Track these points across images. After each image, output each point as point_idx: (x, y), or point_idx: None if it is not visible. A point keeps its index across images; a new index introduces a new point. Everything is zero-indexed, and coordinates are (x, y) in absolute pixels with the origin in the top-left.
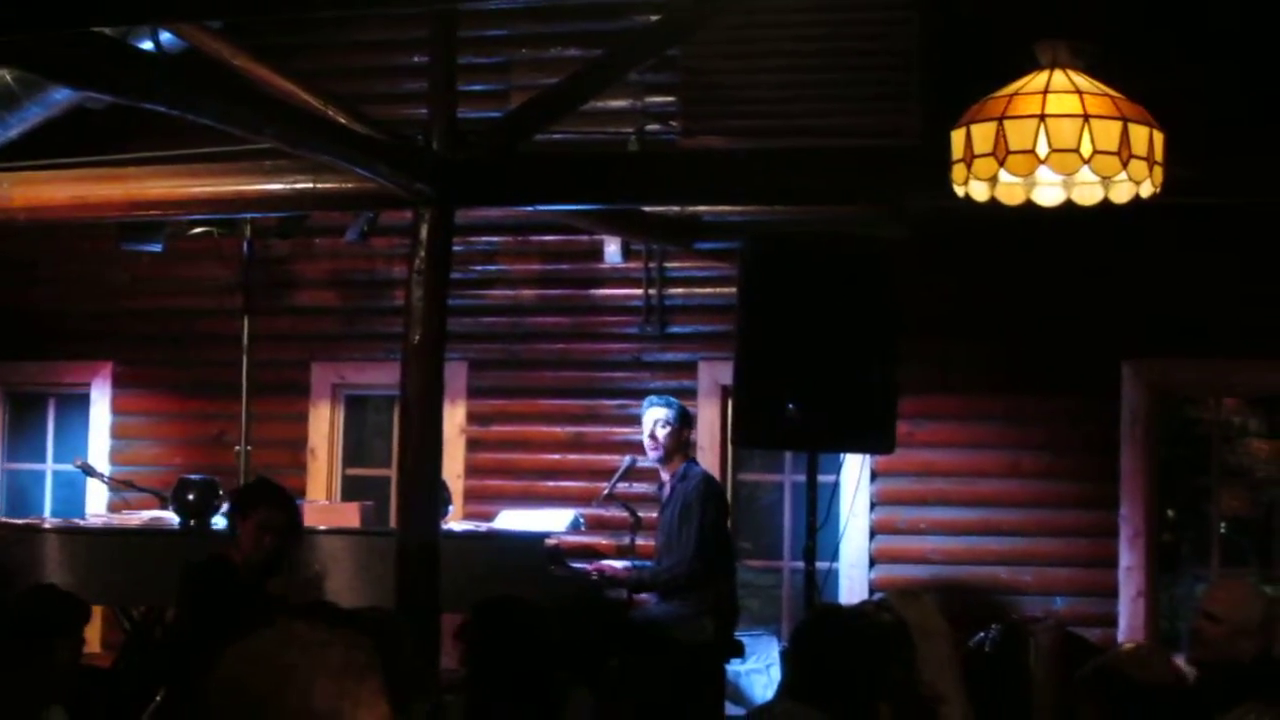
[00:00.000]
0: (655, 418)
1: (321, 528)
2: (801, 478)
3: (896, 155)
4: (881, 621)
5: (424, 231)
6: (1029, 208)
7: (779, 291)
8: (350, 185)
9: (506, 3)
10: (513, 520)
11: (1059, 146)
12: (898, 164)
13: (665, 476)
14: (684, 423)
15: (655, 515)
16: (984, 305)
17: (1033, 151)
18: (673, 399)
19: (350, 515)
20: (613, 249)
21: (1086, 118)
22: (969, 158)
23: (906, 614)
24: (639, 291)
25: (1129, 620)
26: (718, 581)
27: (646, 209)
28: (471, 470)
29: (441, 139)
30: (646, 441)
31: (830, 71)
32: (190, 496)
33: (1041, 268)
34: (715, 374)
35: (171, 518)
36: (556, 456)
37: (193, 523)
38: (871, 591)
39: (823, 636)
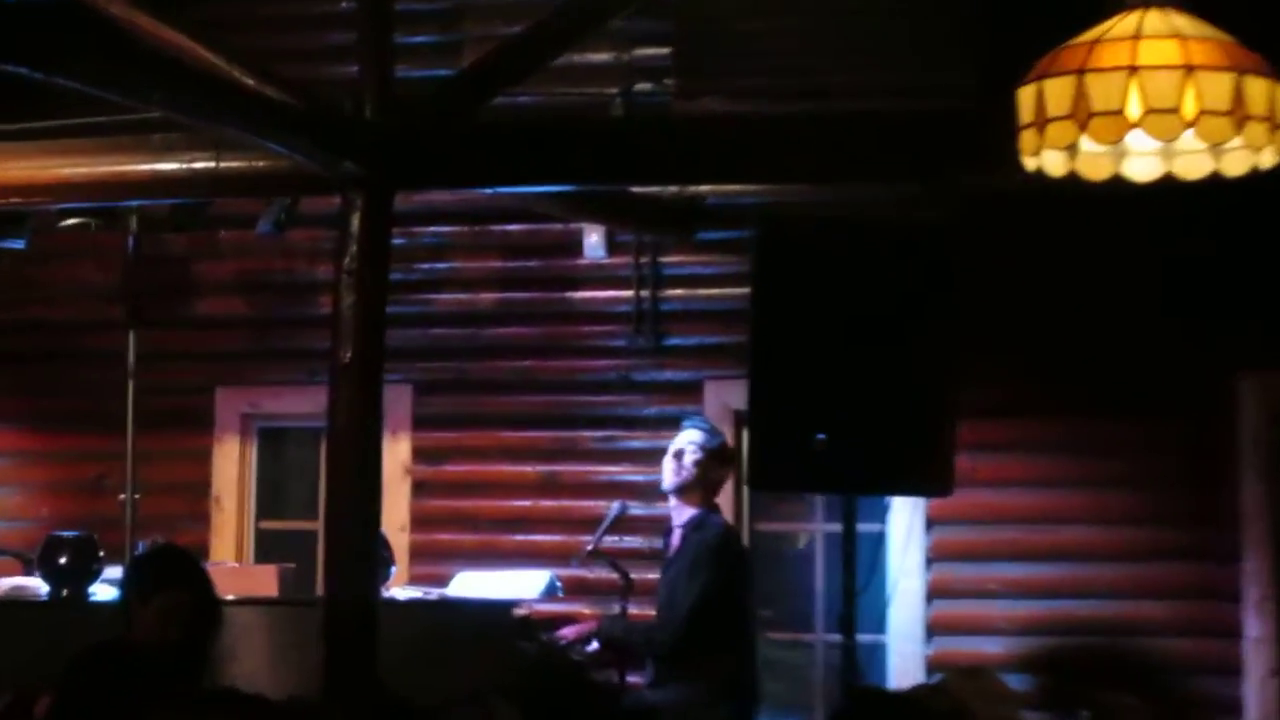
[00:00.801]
0: (689, 439)
1: (229, 597)
2: (836, 528)
3: (945, 120)
4: (938, 710)
5: (355, 222)
6: (1117, 184)
7: (803, 292)
8: (261, 164)
9: None
10: (471, 585)
11: (1155, 106)
12: (947, 131)
13: (676, 522)
14: (719, 460)
15: (656, 577)
16: (1057, 307)
17: (1121, 113)
18: (719, 431)
19: (266, 580)
20: (594, 241)
21: (1190, 69)
22: (1040, 121)
23: (969, 699)
24: (627, 294)
25: (1260, 707)
26: (727, 657)
27: (635, 190)
28: (419, 521)
29: (375, 105)
30: (668, 463)
31: (861, 16)
32: (62, 559)
33: (1130, 259)
34: (724, 397)
35: (38, 585)
36: (525, 503)
37: (65, 592)
38: (928, 671)
39: None
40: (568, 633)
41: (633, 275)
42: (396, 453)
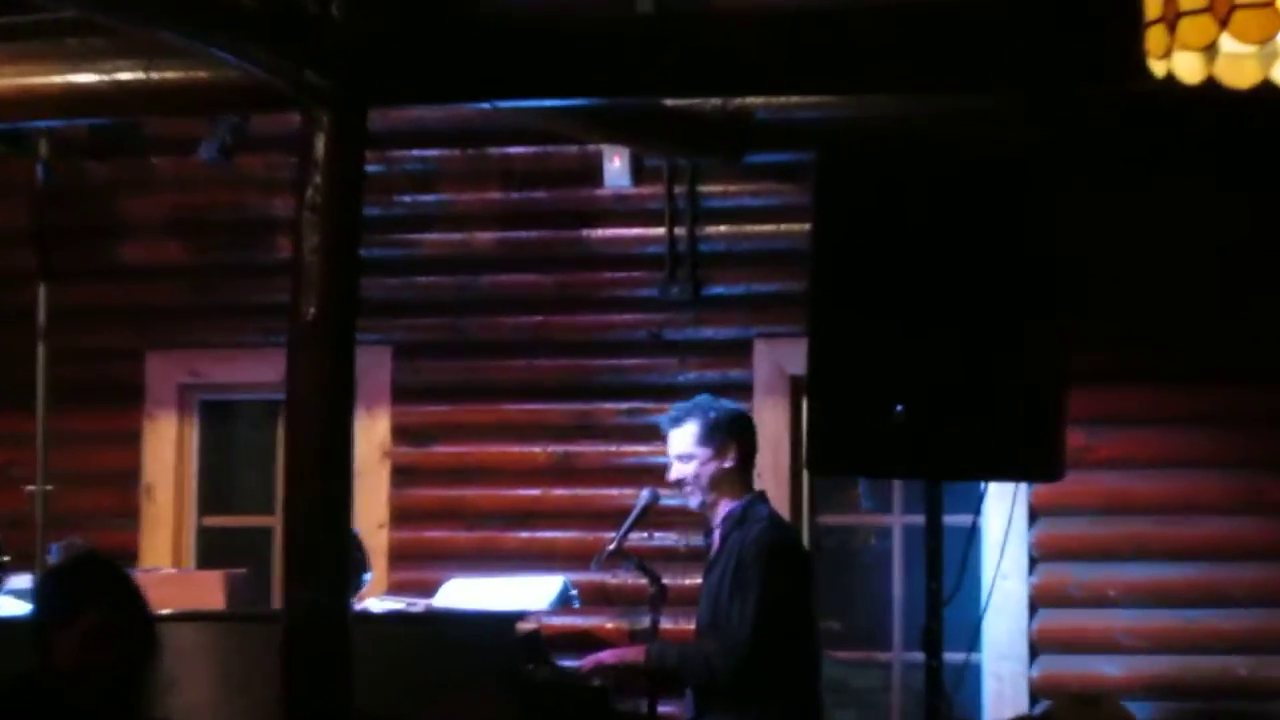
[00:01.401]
0: (673, 447)
1: (166, 611)
2: (918, 521)
3: (1055, 16)
4: None
5: (320, 145)
6: (1267, 92)
7: (876, 229)
8: (203, 75)
9: None
10: (466, 594)
11: None
12: (1057, 29)
13: (715, 521)
14: (725, 439)
15: (697, 582)
16: (1187, 248)
17: (1272, 5)
18: (703, 402)
19: (211, 590)
20: (616, 166)
21: None
22: (1171, 16)
23: None
24: (658, 232)
25: None
26: (790, 683)
27: (667, 103)
28: (401, 516)
29: (345, 1)
30: (677, 477)
31: None
32: None
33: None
34: (779, 359)
35: None
36: (533, 492)
37: None
38: (1032, 699)
39: None
40: (605, 658)
41: (665, 209)
42: (373, 431)
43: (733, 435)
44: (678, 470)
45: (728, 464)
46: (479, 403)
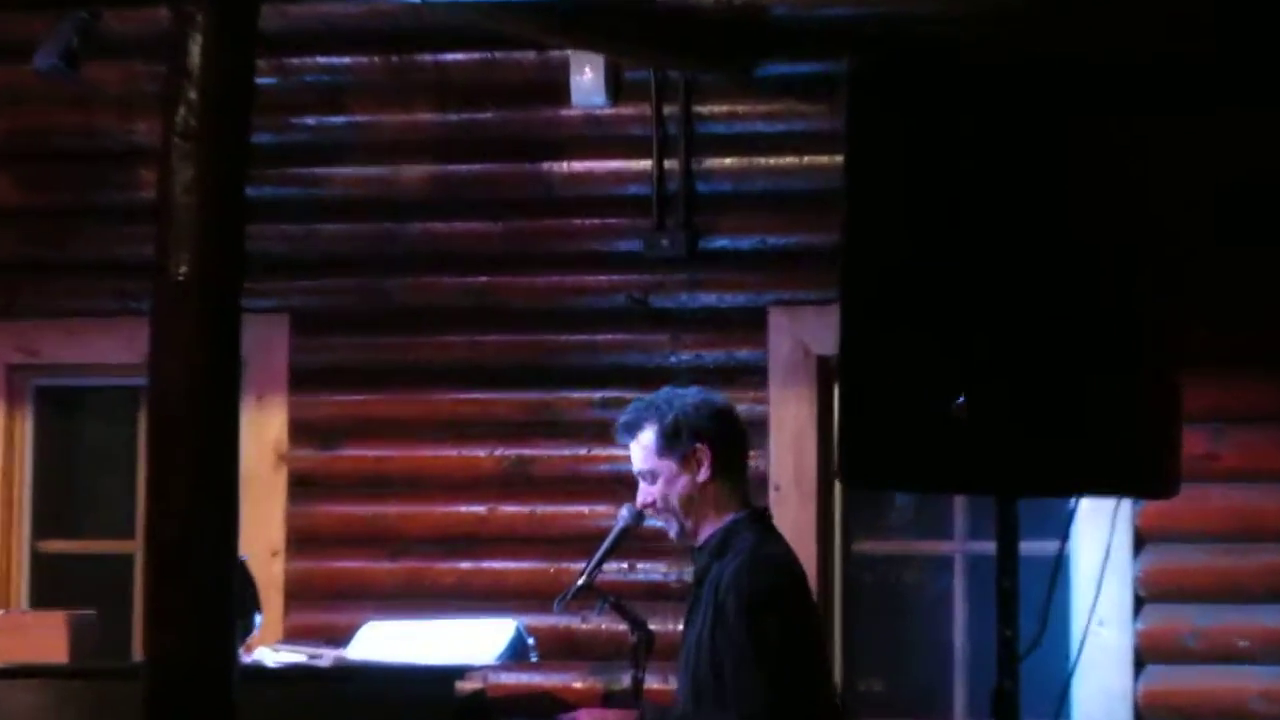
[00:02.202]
0: (635, 462)
1: None
2: (986, 550)
3: None
4: None
5: (195, 51)
6: None
7: (931, 163)
8: None
9: None
10: (388, 642)
11: None
12: None
13: (699, 547)
14: (690, 444)
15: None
16: None
17: None
18: (660, 399)
19: (50, 637)
20: (588, 81)
21: None
22: None
23: None
24: (643, 166)
25: None
26: None
27: None
28: (301, 540)
29: None
30: (646, 497)
31: None
32: None
33: None
34: (801, 334)
35: None
36: (477, 509)
37: None
38: None
39: None
40: (587, 715)
41: (651, 137)
42: (265, 429)
43: (701, 437)
44: (645, 495)
45: (701, 477)
46: (403, 391)
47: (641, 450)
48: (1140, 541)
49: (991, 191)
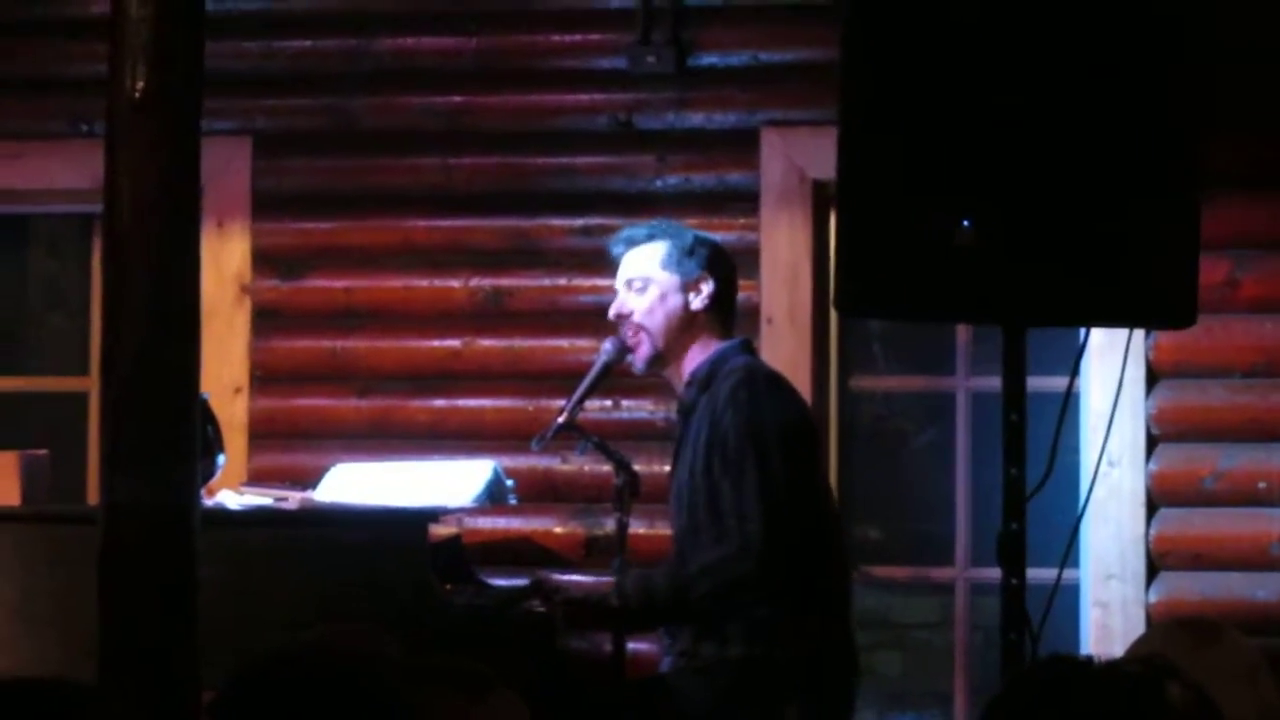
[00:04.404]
0: (626, 271)
1: None
2: (992, 386)
3: None
4: (1173, 697)
5: None
6: None
7: None
8: None
9: None
10: (357, 485)
11: None
12: None
13: (682, 388)
14: (701, 269)
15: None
16: None
17: None
18: (667, 225)
19: (0, 479)
20: None
21: None
22: None
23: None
24: None
25: None
26: (807, 619)
27: None
28: (265, 377)
29: None
30: (624, 308)
31: None
32: None
33: None
34: (796, 156)
35: None
36: (451, 343)
37: None
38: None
39: None
40: (559, 581)
41: None
42: (225, 257)
43: (711, 268)
44: (625, 302)
45: (696, 305)
46: (372, 217)
47: (643, 259)
48: (1154, 377)
49: (1001, 2)
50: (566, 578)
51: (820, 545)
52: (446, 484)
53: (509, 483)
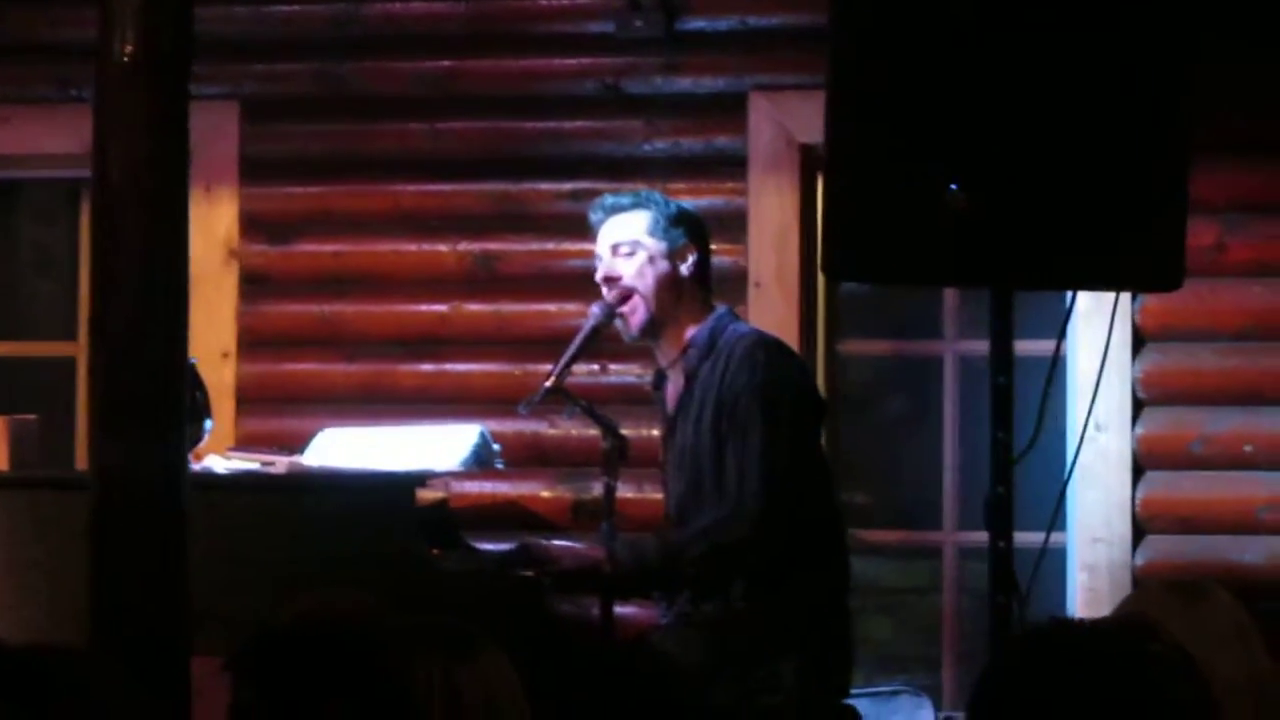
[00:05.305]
0: (610, 236)
1: None
2: (979, 349)
3: None
4: (1153, 656)
5: None
6: None
7: None
8: None
9: None
10: (345, 449)
11: None
12: None
13: (666, 361)
14: (686, 236)
15: (658, 436)
16: None
17: None
18: (652, 193)
19: None
20: None
21: None
22: None
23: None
24: None
25: None
26: (805, 576)
27: None
28: (253, 341)
29: None
30: (605, 292)
31: None
32: None
33: None
34: (785, 120)
35: None
36: (439, 308)
37: None
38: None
39: (1040, 697)
40: (549, 545)
41: None
42: (214, 222)
43: (693, 238)
44: (614, 266)
45: (685, 271)
46: (361, 182)
47: (629, 224)
48: (1141, 340)
49: None
50: (552, 542)
51: (818, 507)
52: (434, 448)
53: (496, 447)
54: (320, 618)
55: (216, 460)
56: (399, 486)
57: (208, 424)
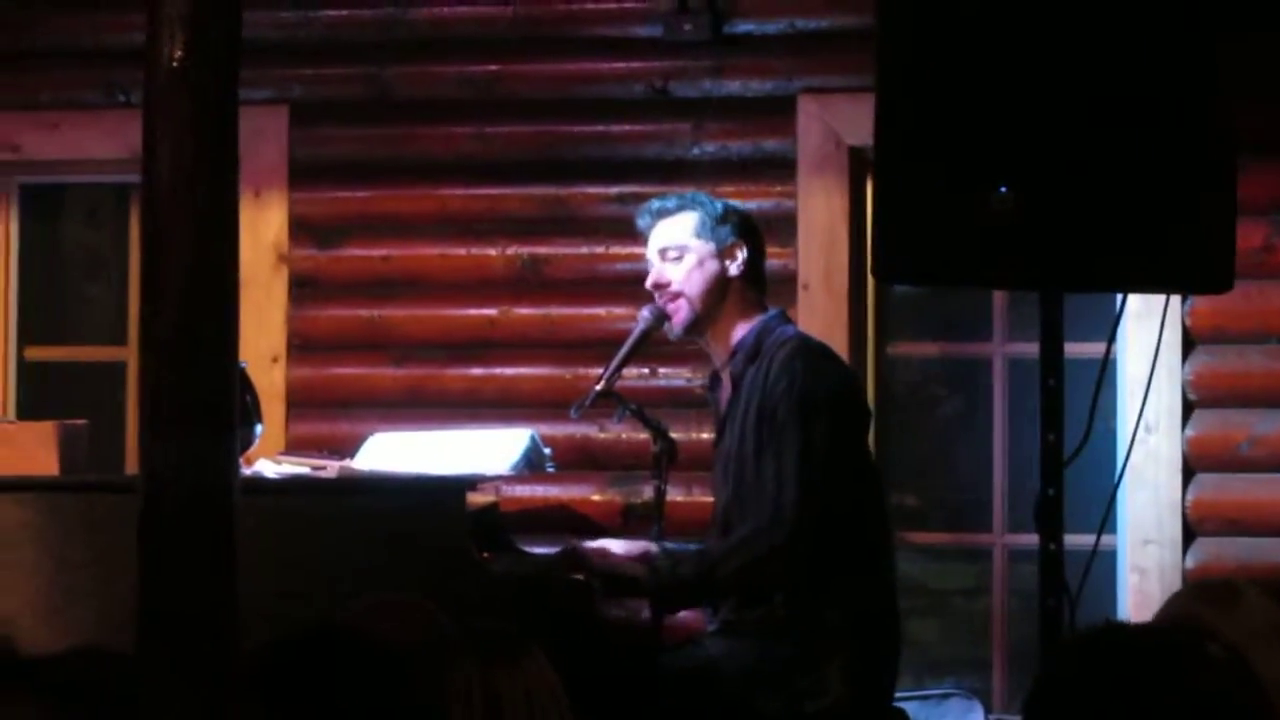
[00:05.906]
0: (659, 240)
1: None
2: (1029, 352)
3: None
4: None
5: None
6: None
7: None
8: None
9: None
10: (394, 453)
11: None
12: None
13: (720, 361)
14: (734, 236)
15: (707, 439)
16: None
17: None
18: (698, 194)
19: (38, 448)
20: None
21: None
22: None
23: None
24: None
25: None
26: (850, 580)
27: None
28: (302, 346)
29: None
30: (656, 299)
31: None
32: None
33: None
34: (833, 122)
35: None
36: (487, 311)
37: None
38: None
39: (1098, 702)
40: (591, 547)
41: None
42: (263, 226)
43: (743, 235)
44: (663, 272)
45: (734, 270)
46: (409, 186)
47: (676, 227)
48: (1191, 342)
49: None
50: (598, 543)
51: (864, 512)
52: (485, 452)
53: (546, 450)
54: (331, 629)
55: (267, 465)
56: (450, 490)
57: (258, 428)
